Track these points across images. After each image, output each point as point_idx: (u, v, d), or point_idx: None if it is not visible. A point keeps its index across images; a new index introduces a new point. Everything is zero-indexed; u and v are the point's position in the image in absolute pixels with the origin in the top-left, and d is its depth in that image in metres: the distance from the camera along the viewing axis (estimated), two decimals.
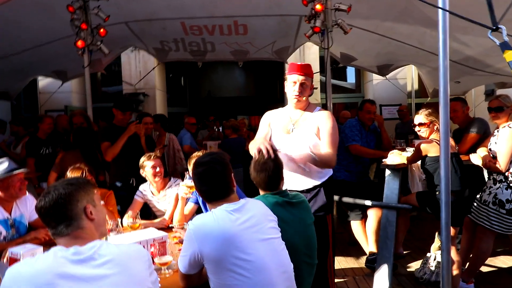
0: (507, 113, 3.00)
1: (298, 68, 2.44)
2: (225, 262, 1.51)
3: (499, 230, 2.94)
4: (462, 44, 4.43)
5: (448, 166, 1.92)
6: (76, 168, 2.71)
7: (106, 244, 1.29)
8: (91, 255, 1.22)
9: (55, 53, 5.49)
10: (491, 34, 1.35)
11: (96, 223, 1.34)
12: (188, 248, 1.56)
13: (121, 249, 1.30)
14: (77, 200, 1.29)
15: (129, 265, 1.26)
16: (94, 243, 1.26)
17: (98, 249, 1.24)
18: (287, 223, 1.86)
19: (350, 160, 3.83)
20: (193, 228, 1.57)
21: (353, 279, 3.56)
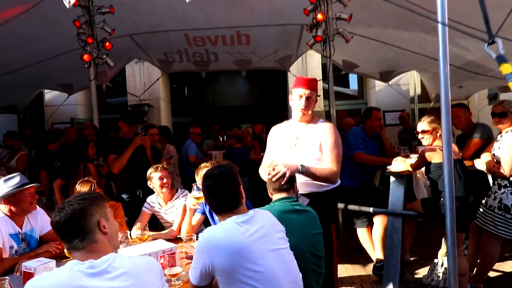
0: (511, 118, 3.02)
1: (304, 83, 2.50)
2: (236, 273, 1.54)
3: (505, 235, 2.94)
4: (463, 49, 4.47)
5: (452, 173, 1.94)
6: (85, 181, 2.76)
7: (119, 256, 1.33)
8: (105, 268, 1.26)
9: (62, 67, 5.60)
10: (488, 47, 1.39)
11: (109, 237, 1.37)
12: (199, 260, 1.59)
13: (134, 262, 1.35)
14: (91, 215, 1.33)
15: (142, 277, 1.30)
16: (108, 256, 1.30)
17: (112, 262, 1.28)
18: (293, 229, 1.92)
19: (355, 168, 3.85)
20: (203, 241, 1.60)
21: (360, 286, 3.55)
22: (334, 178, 2.45)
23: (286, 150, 2.55)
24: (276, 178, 2.17)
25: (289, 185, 2.17)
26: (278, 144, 2.63)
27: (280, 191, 2.15)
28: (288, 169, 2.18)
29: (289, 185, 2.17)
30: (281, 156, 2.53)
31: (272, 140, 2.70)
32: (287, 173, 2.16)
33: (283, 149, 2.57)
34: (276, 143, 2.65)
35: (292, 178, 2.22)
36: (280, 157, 2.53)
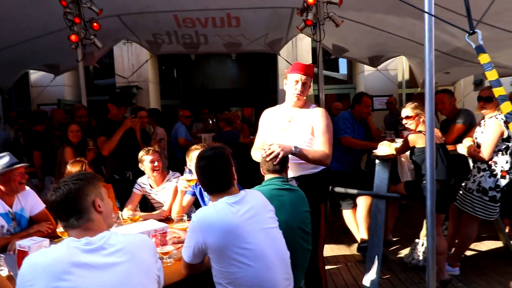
0: (495, 104, 3.11)
1: (302, 68, 2.55)
2: (228, 251, 1.61)
3: (483, 216, 3.08)
4: (451, 35, 4.52)
5: (433, 156, 2.03)
6: (77, 161, 2.78)
7: (114, 234, 1.37)
8: (101, 245, 1.30)
9: (48, 47, 5.48)
10: (468, 37, 1.44)
11: (104, 215, 1.41)
12: (192, 239, 1.65)
13: (129, 239, 1.39)
14: (87, 194, 1.36)
15: (137, 253, 1.35)
16: (104, 233, 1.34)
17: (108, 239, 1.32)
18: (285, 206, 2.04)
19: (342, 152, 3.93)
20: (197, 220, 1.66)
21: (345, 265, 3.69)
22: (327, 161, 2.52)
23: (278, 133, 2.61)
24: (270, 158, 2.24)
25: (281, 166, 2.25)
26: (270, 127, 2.68)
27: (273, 172, 2.23)
28: (282, 150, 2.25)
29: (281, 166, 2.25)
30: (273, 138, 2.58)
31: (264, 123, 2.75)
32: (280, 153, 2.24)
33: (275, 131, 2.63)
34: (268, 126, 2.70)
35: (285, 159, 2.30)
36: (272, 140, 2.57)
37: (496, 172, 3.02)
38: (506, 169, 3.02)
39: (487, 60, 1.33)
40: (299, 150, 2.40)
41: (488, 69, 1.34)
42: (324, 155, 2.50)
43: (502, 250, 3.76)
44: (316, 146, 2.55)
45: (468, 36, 1.43)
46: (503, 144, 3.03)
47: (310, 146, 2.54)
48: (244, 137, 5.91)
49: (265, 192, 2.06)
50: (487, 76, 1.35)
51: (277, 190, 2.12)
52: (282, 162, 2.27)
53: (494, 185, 3.01)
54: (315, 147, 2.54)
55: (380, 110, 7.63)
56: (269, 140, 2.62)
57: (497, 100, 1.44)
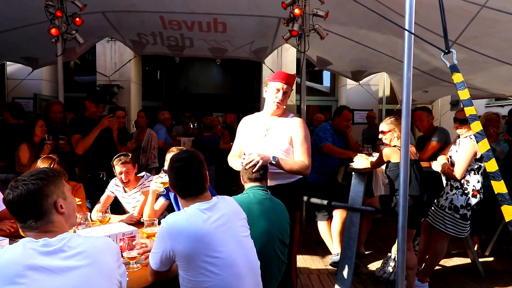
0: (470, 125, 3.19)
1: (284, 77, 2.54)
2: (197, 259, 1.56)
3: (453, 233, 3.14)
4: (431, 55, 4.65)
5: (407, 172, 2.05)
6: (47, 158, 2.68)
7: (75, 236, 1.29)
8: (60, 247, 1.22)
9: (27, 39, 5.33)
10: (444, 56, 1.47)
11: (66, 216, 1.33)
12: (160, 246, 1.59)
13: (91, 241, 1.31)
14: (47, 195, 1.26)
15: (98, 257, 1.28)
16: (64, 235, 1.26)
17: (68, 241, 1.25)
18: (267, 213, 2.03)
19: (320, 162, 3.95)
20: (166, 226, 1.60)
21: (317, 277, 3.69)
22: (306, 171, 2.51)
23: (255, 141, 2.59)
24: (249, 166, 2.23)
25: (262, 175, 2.24)
26: (248, 135, 2.66)
27: (254, 180, 2.22)
28: (261, 158, 2.25)
29: (262, 175, 2.24)
30: (250, 146, 2.57)
31: (242, 130, 2.74)
32: (260, 162, 2.23)
33: (253, 139, 2.61)
34: (246, 133, 2.69)
35: (265, 168, 2.29)
36: (249, 147, 2.57)
37: (468, 191, 3.09)
38: (477, 189, 3.10)
39: (460, 79, 1.36)
40: (278, 160, 2.39)
41: (461, 88, 1.37)
42: (304, 165, 2.49)
43: (470, 267, 3.84)
44: (295, 156, 2.54)
45: (443, 55, 1.46)
46: (476, 164, 3.11)
47: (287, 155, 2.53)
48: (224, 143, 5.88)
49: (249, 199, 2.05)
50: (460, 95, 1.38)
51: (259, 200, 2.09)
52: (263, 171, 2.26)
53: (465, 203, 3.08)
54: (294, 157, 2.54)
55: (360, 123, 7.75)
56: (246, 147, 2.61)
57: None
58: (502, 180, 1.43)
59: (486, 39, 3.72)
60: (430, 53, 4.62)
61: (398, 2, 3.39)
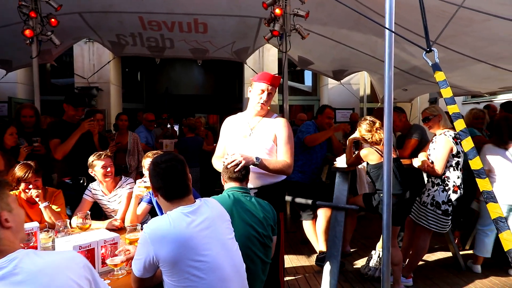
0: (436, 121, 3.27)
1: (269, 78, 2.54)
2: (181, 264, 1.52)
3: (436, 229, 3.20)
4: (409, 54, 4.73)
5: (390, 172, 2.07)
6: (24, 164, 2.59)
7: (28, 255, 1.13)
8: (10, 270, 1.07)
9: (0, 41, 5.14)
10: (425, 55, 1.49)
11: (14, 230, 1.18)
12: (143, 252, 1.55)
13: (47, 260, 1.14)
14: None
15: (56, 277, 1.12)
16: (16, 254, 1.11)
17: (19, 262, 1.09)
18: (245, 216, 2.00)
19: (304, 161, 3.96)
20: (148, 232, 1.56)
21: (303, 276, 3.69)
22: (288, 170, 2.52)
23: (239, 140, 2.58)
24: (231, 165, 2.21)
25: (243, 175, 2.22)
26: (232, 134, 2.64)
27: (235, 180, 2.20)
28: (244, 159, 2.24)
29: (243, 175, 2.22)
30: (234, 146, 2.56)
31: (225, 130, 2.72)
32: (242, 162, 2.21)
33: (237, 139, 2.60)
34: (230, 133, 2.67)
35: (247, 169, 2.27)
36: (233, 147, 2.55)
37: (449, 187, 3.16)
38: (458, 184, 3.17)
39: (442, 78, 1.38)
40: (261, 161, 2.38)
41: (443, 86, 1.38)
42: (286, 165, 2.50)
43: (452, 261, 3.93)
44: (278, 155, 2.54)
45: (425, 54, 1.47)
46: (453, 160, 3.18)
47: (271, 154, 2.53)
48: (208, 144, 5.83)
49: (222, 201, 2.02)
50: (442, 93, 1.39)
51: (238, 199, 2.08)
52: (245, 171, 2.25)
53: (446, 199, 3.14)
54: (278, 156, 2.54)
55: (342, 122, 7.82)
56: (230, 147, 2.59)
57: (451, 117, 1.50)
58: (487, 178, 1.45)
59: (463, 37, 3.80)
60: (409, 52, 4.70)
61: (377, 2, 3.43)
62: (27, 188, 2.58)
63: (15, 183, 2.56)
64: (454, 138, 3.16)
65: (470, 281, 3.52)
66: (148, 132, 5.64)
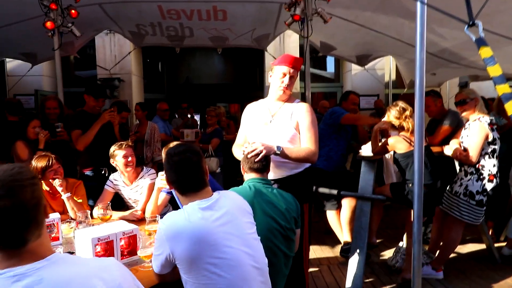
0: (472, 105, 3.06)
1: (291, 61, 2.42)
2: (199, 262, 1.45)
3: (469, 220, 3.03)
4: (438, 36, 4.47)
5: (422, 160, 1.94)
6: (43, 155, 2.60)
7: (56, 264, 0.99)
8: (34, 280, 0.94)
9: (24, 34, 5.22)
10: (468, 29, 1.34)
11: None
12: (159, 249, 1.50)
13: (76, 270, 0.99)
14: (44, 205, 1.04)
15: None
16: (43, 263, 0.98)
17: (44, 272, 0.96)
18: (267, 209, 1.91)
19: (331, 147, 3.83)
20: (163, 228, 1.49)
21: (327, 268, 3.61)
22: (313, 158, 2.40)
23: (260, 128, 2.48)
24: (251, 155, 2.12)
25: (264, 166, 2.13)
26: (253, 121, 2.55)
27: (255, 171, 2.11)
28: (264, 148, 2.14)
29: (264, 166, 2.13)
30: (255, 133, 2.47)
31: (246, 118, 2.63)
32: (263, 151, 2.12)
33: (258, 126, 2.50)
34: (250, 121, 2.58)
35: (268, 159, 2.18)
36: (254, 135, 2.46)
37: (484, 176, 2.97)
38: (494, 173, 2.97)
39: (489, 54, 1.22)
40: (282, 150, 2.28)
41: (491, 63, 1.23)
42: (310, 152, 2.37)
43: (485, 253, 3.74)
44: (301, 142, 2.43)
45: (467, 28, 1.32)
46: (489, 147, 2.98)
47: (293, 142, 2.42)
48: (228, 134, 5.78)
49: (243, 193, 1.95)
50: (490, 72, 1.23)
51: (259, 191, 1.99)
52: (265, 162, 2.15)
53: (481, 189, 2.96)
54: (301, 143, 2.43)
55: (367, 109, 7.59)
56: (251, 135, 2.50)
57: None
58: None
59: (498, 17, 3.55)
60: (438, 33, 4.45)
61: None
62: (54, 176, 2.58)
63: (40, 174, 2.57)
64: (490, 125, 2.95)
65: (507, 274, 3.33)
66: (164, 122, 5.63)
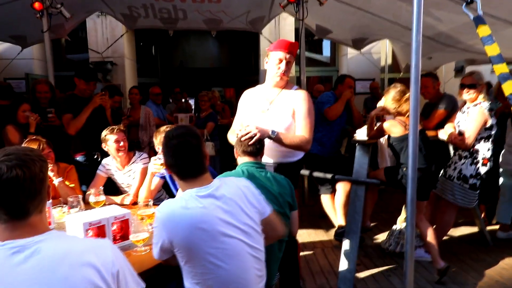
0: (479, 90, 3.03)
1: (286, 46, 2.38)
2: (197, 251, 1.42)
3: (462, 203, 3.05)
4: (435, 19, 4.41)
5: (416, 143, 1.93)
6: (33, 139, 2.55)
7: (54, 239, 1.07)
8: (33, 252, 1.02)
9: (12, 16, 5.06)
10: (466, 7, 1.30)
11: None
12: (157, 237, 1.47)
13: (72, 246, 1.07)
14: (47, 179, 1.12)
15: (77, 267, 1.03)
16: (43, 236, 1.05)
17: (42, 245, 1.03)
18: (266, 191, 1.88)
19: (324, 133, 3.82)
20: (160, 217, 1.46)
21: (321, 250, 3.64)
22: (306, 146, 2.39)
23: (257, 115, 2.46)
24: (245, 138, 2.10)
25: (258, 149, 2.11)
26: (250, 108, 2.53)
27: (249, 154, 2.09)
28: (259, 131, 2.12)
29: (258, 149, 2.11)
30: (252, 120, 2.44)
31: (243, 104, 2.60)
32: (257, 134, 2.10)
33: (255, 113, 2.48)
34: (247, 107, 2.55)
35: (262, 143, 2.15)
36: (251, 122, 2.43)
37: (478, 160, 2.97)
38: (487, 157, 2.98)
39: (487, 32, 1.18)
40: (277, 134, 2.26)
41: (488, 42, 1.19)
42: (304, 140, 2.37)
43: (478, 236, 3.79)
44: (296, 130, 2.42)
45: (465, 6, 1.28)
46: (486, 133, 2.97)
47: (290, 131, 2.41)
48: (224, 118, 5.74)
49: (240, 176, 1.93)
50: (487, 51, 1.20)
51: (252, 175, 1.98)
52: (259, 145, 2.13)
53: (475, 172, 2.97)
54: (296, 131, 2.41)
55: (362, 93, 7.56)
56: (247, 122, 2.48)
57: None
58: None
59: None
60: (435, 17, 4.38)
61: None
62: None
63: None
64: (489, 110, 2.92)
65: (499, 257, 3.38)
66: (157, 106, 5.57)
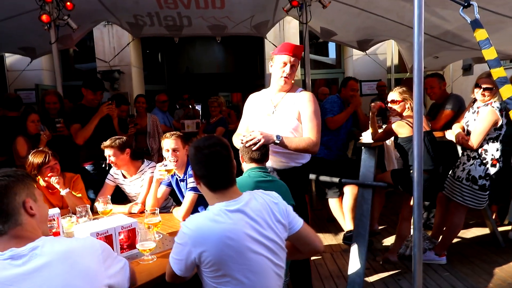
0: (493, 93, 2.94)
1: (291, 49, 2.38)
2: (223, 267, 1.39)
3: (472, 205, 3.00)
4: (440, 18, 4.38)
5: (421, 146, 1.91)
6: (40, 151, 2.59)
7: (50, 242, 1.17)
8: (30, 256, 1.12)
9: (21, 28, 5.19)
10: (463, 11, 1.29)
11: (37, 219, 1.22)
12: (183, 253, 1.41)
13: (67, 245, 1.19)
14: (15, 193, 1.17)
15: (77, 260, 1.17)
16: (37, 243, 1.15)
17: (40, 248, 1.14)
18: None
19: (330, 137, 3.81)
20: (188, 233, 1.41)
21: (330, 255, 3.62)
22: (314, 149, 2.37)
23: (263, 119, 2.46)
24: (249, 144, 2.10)
25: (262, 155, 2.12)
26: (255, 112, 2.53)
27: (255, 161, 2.10)
28: (263, 137, 2.12)
29: (262, 155, 2.12)
30: (257, 124, 2.44)
31: (248, 108, 2.60)
32: (261, 140, 2.10)
33: (260, 117, 2.48)
34: (253, 111, 2.56)
35: (266, 148, 2.16)
36: (256, 126, 2.44)
37: (487, 161, 2.93)
38: (497, 157, 2.93)
39: (484, 36, 1.17)
40: (281, 139, 2.26)
41: (486, 46, 1.18)
42: (311, 143, 2.35)
43: (489, 238, 3.72)
44: (303, 133, 2.40)
45: (462, 10, 1.27)
46: (495, 133, 2.93)
47: (297, 133, 2.40)
48: (231, 123, 5.76)
49: (249, 184, 1.94)
50: (484, 55, 1.19)
51: (260, 183, 1.98)
52: (264, 152, 2.14)
53: (484, 173, 2.92)
54: (303, 133, 2.40)
55: (369, 95, 7.52)
56: (253, 126, 2.48)
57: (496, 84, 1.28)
58: None
59: None
60: (440, 16, 4.35)
61: None
62: (51, 172, 2.58)
63: (36, 171, 2.57)
64: (500, 110, 2.87)
65: (511, 258, 3.31)
66: (164, 113, 5.60)
